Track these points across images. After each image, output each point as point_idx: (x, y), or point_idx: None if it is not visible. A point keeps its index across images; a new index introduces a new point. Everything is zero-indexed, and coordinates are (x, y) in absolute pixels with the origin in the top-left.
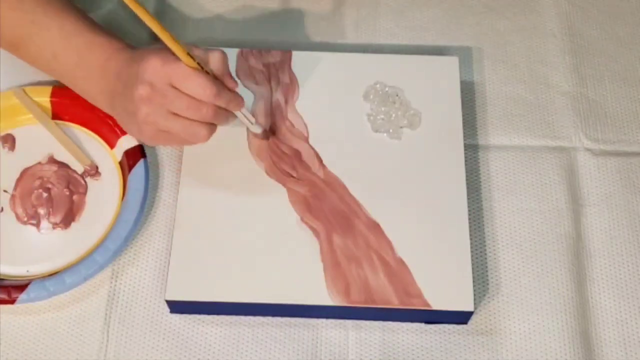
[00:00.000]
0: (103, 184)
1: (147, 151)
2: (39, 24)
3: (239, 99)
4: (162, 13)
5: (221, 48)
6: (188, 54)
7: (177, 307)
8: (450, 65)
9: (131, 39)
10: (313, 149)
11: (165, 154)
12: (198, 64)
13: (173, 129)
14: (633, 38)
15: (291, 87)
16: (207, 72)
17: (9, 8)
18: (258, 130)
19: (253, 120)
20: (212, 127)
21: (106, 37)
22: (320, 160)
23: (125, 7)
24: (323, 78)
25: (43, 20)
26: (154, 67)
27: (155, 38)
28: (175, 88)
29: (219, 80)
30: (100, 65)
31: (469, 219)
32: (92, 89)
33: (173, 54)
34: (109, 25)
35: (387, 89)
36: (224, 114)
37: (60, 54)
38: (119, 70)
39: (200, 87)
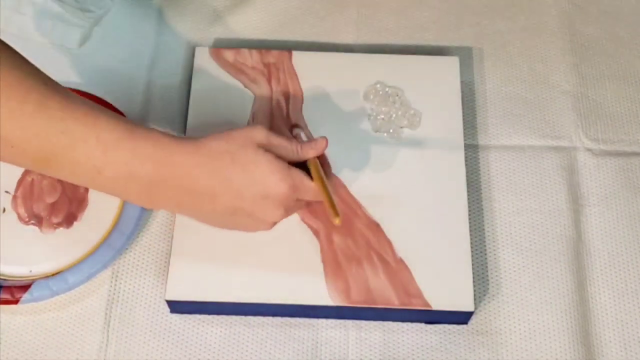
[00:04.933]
0: None
1: None
2: (71, 134)
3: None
4: (163, 12)
5: (324, 137)
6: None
7: (177, 307)
8: (450, 65)
9: (133, 43)
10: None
11: None
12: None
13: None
14: (633, 38)
15: (292, 87)
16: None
17: (31, 116)
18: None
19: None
20: None
21: (149, 141)
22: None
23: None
24: (323, 78)
25: (75, 129)
26: (286, 194)
27: None
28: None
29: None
30: (155, 178)
31: (469, 219)
32: (153, 201)
33: (276, 159)
34: (111, 26)
35: (387, 89)
36: None
37: (105, 169)
38: (192, 183)
39: (315, 197)
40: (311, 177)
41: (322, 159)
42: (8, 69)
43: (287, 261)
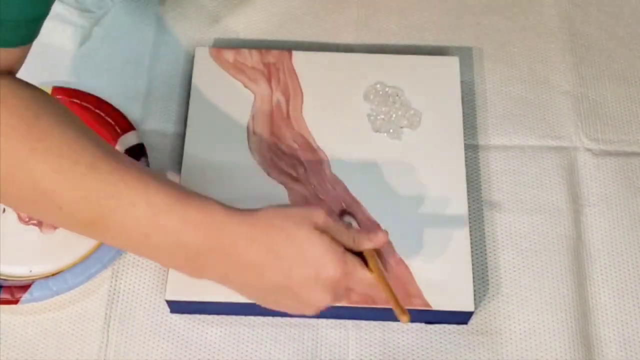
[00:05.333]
0: None
1: (147, 150)
2: (121, 197)
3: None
4: (163, 12)
5: (385, 231)
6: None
7: (177, 307)
8: (450, 65)
9: (133, 43)
10: (314, 149)
11: (165, 153)
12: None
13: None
14: (633, 38)
15: (292, 87)
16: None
17: (83, 178)
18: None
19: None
20: None
21: (200, 209)
22: (322, 161)
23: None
24: (323, 78)
25: (126, 193)
26: (338, 279)
27: None
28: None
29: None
30: (203, 247)
31: (469, 219)
32: (198, 270)
33: (332, 242)
34: (111, 26)
35: (387, 89)
36: None
37: (153, 234)
38: (241, 255)
39: (370, 289)
40: (367, 266)
41: (378, 250)
42: (63, 127)
43: None
